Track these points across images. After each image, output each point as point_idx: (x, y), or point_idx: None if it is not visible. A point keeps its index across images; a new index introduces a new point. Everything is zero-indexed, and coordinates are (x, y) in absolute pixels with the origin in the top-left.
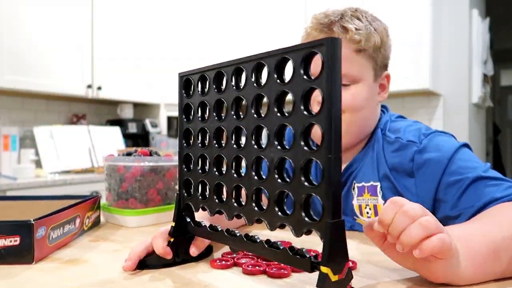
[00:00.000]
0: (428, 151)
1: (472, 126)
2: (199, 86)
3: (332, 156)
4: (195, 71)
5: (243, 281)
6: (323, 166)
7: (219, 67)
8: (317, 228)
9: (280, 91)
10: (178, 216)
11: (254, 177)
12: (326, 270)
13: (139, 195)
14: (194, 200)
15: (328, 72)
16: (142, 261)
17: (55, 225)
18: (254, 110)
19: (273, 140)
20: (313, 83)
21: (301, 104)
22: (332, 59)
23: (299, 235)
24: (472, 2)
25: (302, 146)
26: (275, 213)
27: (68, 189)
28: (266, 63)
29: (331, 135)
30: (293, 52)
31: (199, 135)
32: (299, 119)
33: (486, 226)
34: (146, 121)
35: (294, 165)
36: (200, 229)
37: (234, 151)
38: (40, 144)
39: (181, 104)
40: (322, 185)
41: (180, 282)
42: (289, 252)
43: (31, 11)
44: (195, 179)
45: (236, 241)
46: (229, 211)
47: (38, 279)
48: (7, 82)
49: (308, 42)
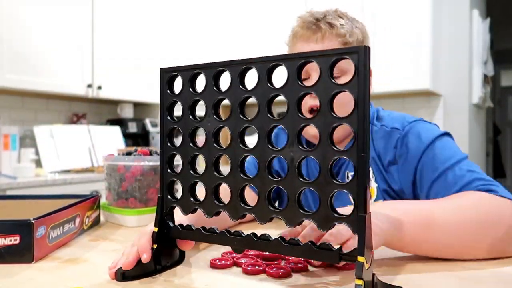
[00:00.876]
0: (409, 139)
1: (472, 127)
2: (188, 84)
3: (363, 154)
4: (186, 68)
5: (243, 281)
6: (355, 164)
7: (221, 66)
8: (349, 221)
9: (302, 93)
10: (161, 221)
11: (269, 177)
12: (362, 259)
13: (139, 195)
14: (183, 202)
15: (361, 77)
16: (122, 273)
17: (55, 225)
18: (267, 111)
19: (294, 141)
20: (344, 87)
21: (328, 106)
22: (364, 66)
23: (326, 230)
24: (473, 2)
25: (331, 146)
26: (295, 211)
27: (68, 189)
28: (285, 65)
29: (363, 135)
30: (320, 57)
31: (193, 135)
32: (326, 121)
33: (427, 203)
34: (146, 121)
35: (321, 164)
36: (192, 233)
37: (242, 151)
38: (40, 143)
39: (164, 102)
40: (353, 181)
41: (179, 281)
42: (313, 247)
43: (31, 11)
44: (186, 181)
45: (244, 241)
46: (234, 211)
47: (38, 278)
48: (7, 81)
49: (339, 48)
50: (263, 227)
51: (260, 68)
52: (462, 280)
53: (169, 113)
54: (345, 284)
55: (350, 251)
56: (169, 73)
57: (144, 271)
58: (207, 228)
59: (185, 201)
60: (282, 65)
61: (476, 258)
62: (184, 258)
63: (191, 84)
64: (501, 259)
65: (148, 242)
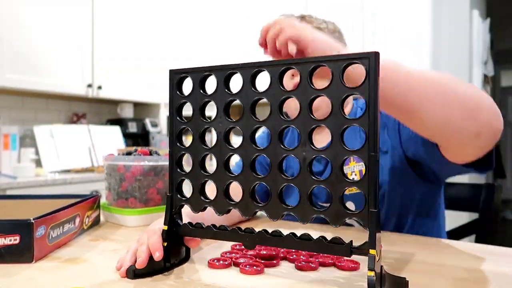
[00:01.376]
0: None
1: None
2: (199, 85)
3: (373, 154)
4: (196, 69)
5: (243, 281)
6: (366, 163)
7: (233, 68)
8: (360, 217)
9: (314, 95)
10: (171, 219)
11: (281, 176)
12: (373, 252)
13: (139, 195)
14: (193, 201)
15: (372, 81)
16: (133, 270)
17: (54, 224)
18: (279, 112)
19: (306, 140)
20: (356, 90)
21: (340, 108)
22: (374, 70)
23: (338, 225)
24: (473, 2)
25: (342, 146)
26: (308, 208)
27: (68, 188)
28: (299, 69)
29: (374, 135)
30: (333, 62)
31: (203, 135)
32: (337, 122)
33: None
34: (146, 121)
35: (333, 163)
36: (202, 231)
37: (254, 151)
38: (40, 143)
39: (174, 103)
40: (365, 179)
41: (179, 281)
42: (324, 242)
43: (31, 11)
44: (196, 180)
45: (255, 238)
46: (245, 209)
47: (38, 278)
48: (7, 81)
49: (351, 53)
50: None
51: (272, 71)
52: (461, 281)
53: (178, 114)
54: (345, 283)
55: (360, 245)
56: (179, 75)
57: (154, 268)
58: (218, 226)
59: (195, 200)
60: (294, 68)
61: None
62: (189, 255)
63: (201, 86)
64: (501, 259)
65: (159, 241)
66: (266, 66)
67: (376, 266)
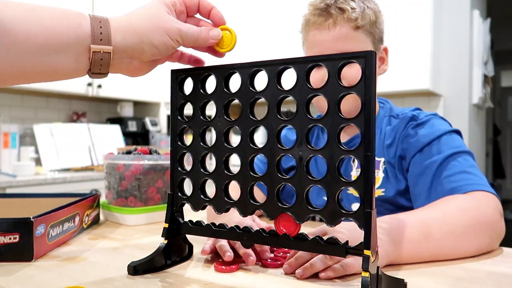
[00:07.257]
0: (421, 126)
1: (472, 127)
2: (199, 85)
3: (369, 153)
4: (197, 69)
5: (243, 280)
6: (362, 162)
7: (232, 68)
8: (355, 217)
9: (311, 95)
10: (172, 217)
11: (278, 175)
12: (368, 253)
13: (139, 194)
14: (193, 199)
15: (368, 80)
16: (134, 266)
17: (54, 223)
18: (277, 111)
19: (303, 140)
20: (351, 90)
21: (336, 107)
22: (370, 69)
23: (333, 225)
24: (473, 3)
25: (338, 146)
26: (304, 207)
27: (68, 187)
28: (295, 68)
29: (369, 135)
30: (328, 61)
31: (204, 134)
32: (334, 121)
33: (419, 215)
34: (146, 120)
35: (329, 163)
36: (202, 229)
37: (251, 150)
38: (40, 141)
39: (176, 102)
40: (360, 179)
41: (179, 280)
42: (320, 241)
43: None
44: (196, 179)
45: (253, 236)
46: (244, 207)
47: (37, 277)
48: None
49: (346, 53)
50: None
51: (270, 71)
52: (459, 280)
53: (180, 113)
54: (345, 283)
55: (356, 245)
56: (180, 74)
57: (154, 265)
58: (217, 224)
59: (195, 198)
60: (291, 68)
61: (467, 256)
62: (192, 254)
63: (202, 86)
64: (499, 259)
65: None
66: (264, 66)
67: (371, 267)
